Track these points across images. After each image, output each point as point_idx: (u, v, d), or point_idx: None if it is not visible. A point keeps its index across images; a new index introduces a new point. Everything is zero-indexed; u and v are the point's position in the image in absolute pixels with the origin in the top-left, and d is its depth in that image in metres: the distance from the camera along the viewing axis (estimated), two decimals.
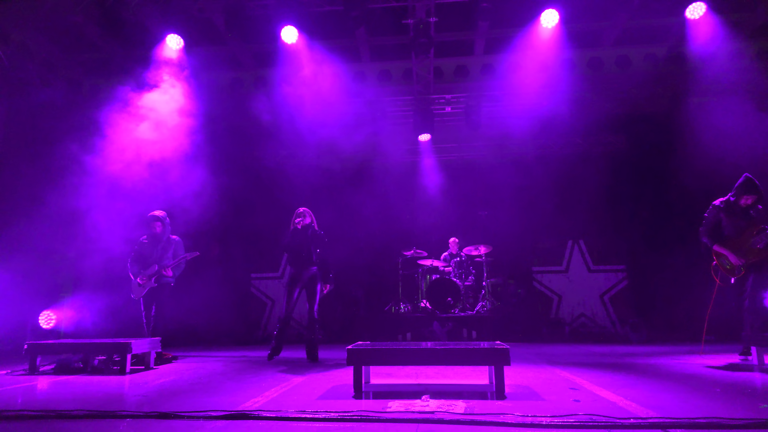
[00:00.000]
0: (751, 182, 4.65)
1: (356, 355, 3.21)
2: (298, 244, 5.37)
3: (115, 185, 6.65)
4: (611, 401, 2.81)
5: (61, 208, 6.71)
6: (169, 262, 5.43)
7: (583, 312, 8.29)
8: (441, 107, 9.56)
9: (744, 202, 4.65)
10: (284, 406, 2.86)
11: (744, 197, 4.63)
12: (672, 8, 7.18)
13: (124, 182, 6.70)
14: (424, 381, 3.68)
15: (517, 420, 2.32)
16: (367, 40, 8.85)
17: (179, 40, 7.44)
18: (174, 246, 5.56)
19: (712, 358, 4.89)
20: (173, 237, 5.62)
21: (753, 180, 4.66)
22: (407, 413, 2.52)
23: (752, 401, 2.70)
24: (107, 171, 6.72)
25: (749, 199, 4.62)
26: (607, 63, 9.03)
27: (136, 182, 6.68)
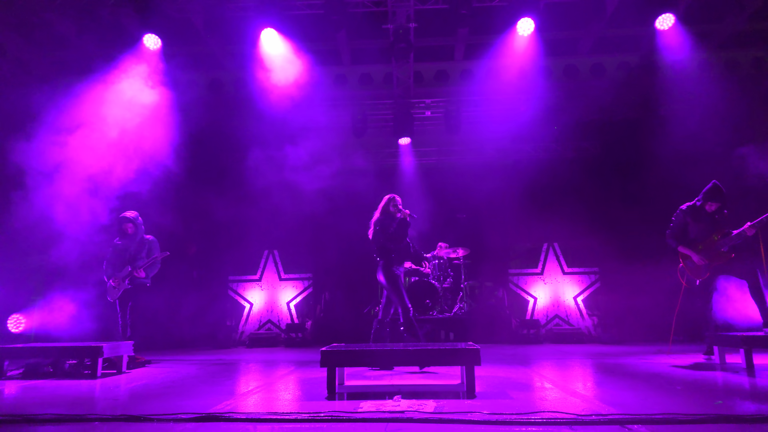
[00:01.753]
0: (718, 189, 4.83)
1: (329, 356, 3.24)
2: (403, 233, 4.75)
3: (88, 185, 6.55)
4: (576, 399, 2.89)
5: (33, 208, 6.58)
6: (142, 262, 5.36)
7: (557, 313, 8.45)
8: (421, 111, 9.65)
9: (709, 207, 4.82)
10: (256, 408, 2.88)
11: (709, 203, 4.80)
12: (643, 19, 7.39)
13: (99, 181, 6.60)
14: (398, 382, 3.73)
15: (484, 418, 2.37)
16: (348, 44, 8.90)
17: (157, 40, 7.38)
18: (148, 246, 5.48)
19: (678, 357, 5.05)
20: (147, 237, 5.54)
21: (719, 187, 4.84)
22: (378, 413, 2.56)
23: (709, 398, 2.81)
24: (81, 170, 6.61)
25: (714, 206, 4.80)
26: (582, 70, 9.24)
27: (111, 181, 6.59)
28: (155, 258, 5.42)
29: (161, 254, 5.44)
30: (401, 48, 7.49)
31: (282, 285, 8.56)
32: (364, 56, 9.39)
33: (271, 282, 8.59)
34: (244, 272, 8.60)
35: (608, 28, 8.35)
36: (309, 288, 8.51)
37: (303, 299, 8.46)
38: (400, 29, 7.35)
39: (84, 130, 6.64)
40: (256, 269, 8.62)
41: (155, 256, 5.42)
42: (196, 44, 8.10)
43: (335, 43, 8.85)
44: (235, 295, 8.50)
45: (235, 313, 8.37)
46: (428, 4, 7.38)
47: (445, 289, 8.45)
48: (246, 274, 8.59)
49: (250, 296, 8.50)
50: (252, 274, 8.60)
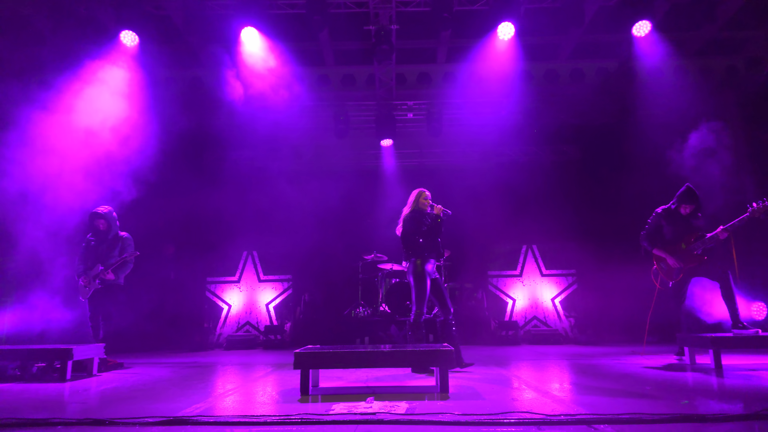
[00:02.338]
0: (691, 192, 4.93)
1: (303, 358, 3.22)
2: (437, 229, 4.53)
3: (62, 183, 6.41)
4: (548, 399, 2.91)
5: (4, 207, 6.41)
6: (114, 261, 5.22)
7: (535, 315, 8.53)
8: (403, 113, 9.68)
9: (683, 210, 4.93)
10: (227, 411, 2.84)
11: (683, 206, 4.91)
12: (620, 26, 7.52)
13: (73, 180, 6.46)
14: (373, 383, 3.71)
15: (454, 419, 2.38)
16: (330, 45, 8.87)
17: (134, 36, 7.26)
18: (122, 244, 5.30)
19: (650, 358, 5.13)
20: (122, 234, 5.38)
21: (693, 190, 4.95)
22: (349, 415, 2.55)
23: (677, 398, 2.86)
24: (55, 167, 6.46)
25: (688, 208, 4.90)
26: (562, 75, 9.36)
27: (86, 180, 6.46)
28: (124, 258, 5.24)
29: (131, 254, 5.29)
30: (383, 49, 7.50)
31: (261, 286, 8.48)
32: (346, 57, 9.38)
33: (250, 283, 8.50)
34: (222, 273, 8.50)
35: (587, 34, 8.49)
36: (288, 289, 8.45)
37: (282, 301, 8.40)
38: (382, 31, 7.36)
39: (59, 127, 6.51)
40: (234, 270, 8.52)
41: (124, 256, 5.24)
42: (176, 42, 8.00)
43: (318, 44, 8.82)
44: (212, 296, 8.39)
45: (213, 315, 8.26)
46: (410, 7, 7.41)
47: None
48: (224, 276, 8.49)
49: (229, 298, 8.40)
50: (230, 275, 8.50)
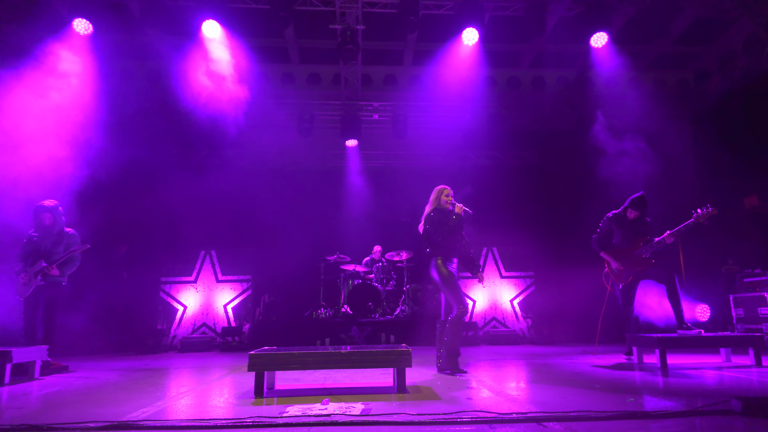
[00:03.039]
0: (640, 199, 5.15)
1: (258, 360, 3.15)
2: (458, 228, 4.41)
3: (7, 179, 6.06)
4: (502, 398, 2.96)
5: None
6: (59, 257, 4.97)
7: (494, 316, 8.68)
8: (369, 114, 9.67)
9: (630, 215, 5.14)
10: (176, 415, 2.74)
11: (629, 211, 5.13)
12: (580, 36, 7.76)
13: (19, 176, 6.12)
14: (331, 385, 3.67)
15: (409, 419, 2.37)
16: (296, 42, 8.78)
17: (88, 25, 6.97)
18: (67, 240, 5.04)
19: (601, 357, 5.30)
20: (67, 230, 5.11)
21: (642, 197, 5.16)
22: (303, 417, 2.51)
23: (624, 395, 2.96)
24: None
25: (634, 214, 5.13)
26: (524, 82, 9.59)
27: (33, 176, 6.13)
28: (73, 251, 4.99)
29: (80, 247, 5.04)
30: (349, 49, 7.47)
31: (219, 287, 8.26)
32: (312, 55, 9.30)
33: (207, 284, 8.27)
34: (178, 273, 8.23)
35: (548, 43, 8.73)
36: (248, 290, 8.27)
37: (241, 302, 8.21)
38: (348, 30, 7.33)
39: (4, 120, 6.16)
40: (191, 270, 8.27)
41: (73, 250, 4.99)
42: (133, 33, 7.71)
43: (283, 41, 8.70)
44: (167, 297, 8.11)
45: (167, 317, 7.98)
46: (377, 8, 7.41)
47: (388, 292, 8.48)
48: (180, 276, 8.23)
49: (184, 298, 8.15)
50: (187, 275, 8.24)
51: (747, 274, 6.88)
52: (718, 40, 8.61)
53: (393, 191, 9.53)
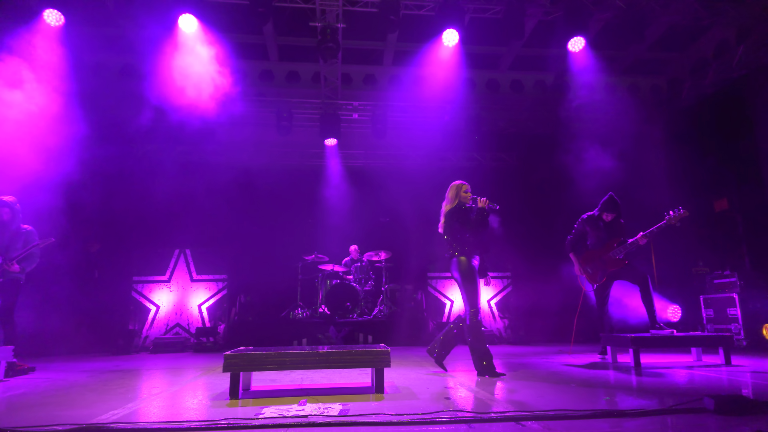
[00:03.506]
0: (613, 201, 5.25)
1: (233, 361, 3.09)
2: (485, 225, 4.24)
3: None
4: (479, 398, 2.96)
5: None
6: (16, 254, 4.76)
7: None
8: (348, 113, 9.63)
9: (606, 217, 5.24)
10: (147, 417, 2.66)
11: (605, 213, 5.23)
12: (558, 40, 7.88)
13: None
14: (309, 385, 3.63)
15: (387, 419, 2.35)
16: (275, 39, 8.67)
17: (59, 16, 6.75)
18: (25, 237, 4.87)
19: (577, 357, 5.38)
20: (25, 227, 4.93)
21: (615, 199, 5.26)
22: (279, 418, 2.46)
23: (600, 394, 2.99)
24: None
25: (609, 216, 5.22)
26: (503, 85, 9.70)
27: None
28: (35, 246, 4.80)
29: (43, 241, 4.87)
30: (329, 47, 7.42)
31: (194, 287, 8.09)
32: (292, 53, 9.21)
33: (181, 283, 8.08)
34: (151, 272, 8.02)
35: (527, 47, 8.84)
36: (224, 290, 8.12)
37: (216, 302, 8.06)
38: (329, 28, 7.28)
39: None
40: (165, 269, 8.07)
41: (35, 245, 4.80)
42: (107, 26, 7.52)
43: (262, 38, 8.59)
44: (139, 296, 7.90)
45: (139, 317, 7.77)
46: (357, 6, 7.38)
47: (366, 292, 8.44)
48: (153, 275, 8.02)
49: (157, 298, 7.95)
50: (160, 274, 8.04)
51: (717, 276, 7.08)
52: (691, 47, 8.85)
53: (372, 191, 9.51)
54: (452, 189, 4.47)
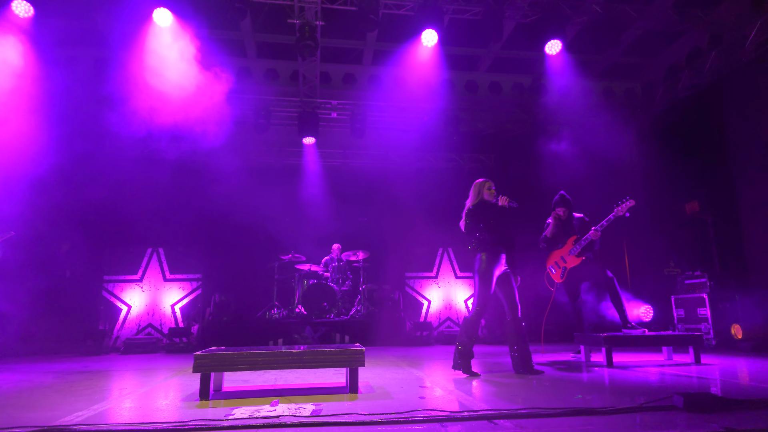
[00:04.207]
0: (562, 198, 5.41)
1: (203, 360, 3.01)
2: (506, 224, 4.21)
3: None
4: (453, 397, 2.95)
5: None
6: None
7: (449, 316, 8.76)
8: (327, 112, 9.56)
9: (561, 214, 5.36)
10: (114, 418, 2.57)
11: (558, 209, 5.37)
12: (535, 43, 7.94)
13: None
14: (282, 386, 3.57)
15: (360, 418, 2.32)
16: (253, 36, 8.57)
17: (28, 7, 6.53)
18: None
19: (551, 356, 5.43)
20: None
21: (565, 196, 5.43)
22: (250, 419, 2.40)
23: (572, 392, 3.02)
24: None
25: (561, 211, 5.34)
26: (481, 87, 9.78)
27: None
28: None
29: (4, 234, 4.69)
30: (308, 45, 7.34)
31: (167, 286, 7.91)
32: (269, 50, 9.12)
33: (154, 283, 7.90)
34: (122, 271, 7.82)
35: (505, 49, 8.93)
36: (198, 290, 7.96)
37: (190, 302, 7.90)
38: (307, 26, 7.21)
39: None
40: (137, 269, 7.87)
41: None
42: (78, 18, 7.29)
43: (240, 34, 8.48)
44: (110, 296, 7.69)
45: (110, 317, 7.57)
46: (337, 4, 7.33)
47: (344, 291, 8.39)
48: (124, 274, 7.82)
49: (129, 298, 7.75)
50: (132, 273, 7.84)
51: (687, 276, 7.24)
52: (664, 52, 9.06)
53: (351, 191, 9.47)
54: (475, 186, 4.43)
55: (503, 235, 4.19)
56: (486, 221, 4.18)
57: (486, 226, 4.17)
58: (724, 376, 3.79)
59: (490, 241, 4.14)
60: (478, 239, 4.19)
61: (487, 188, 4.33)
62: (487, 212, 4.20)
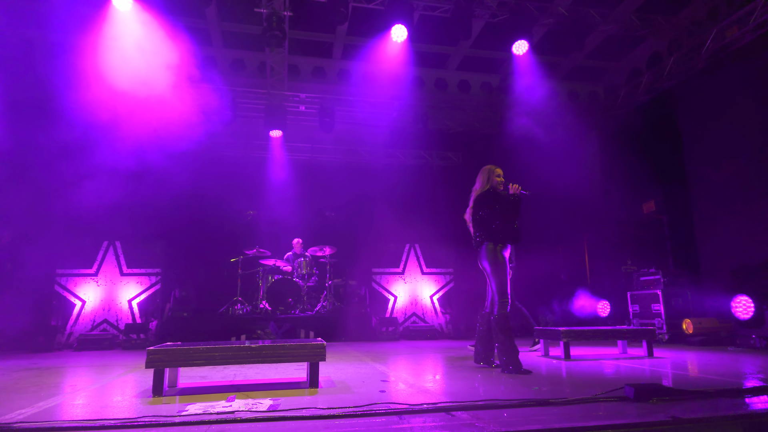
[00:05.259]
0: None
1: (157, 356, 2.91)
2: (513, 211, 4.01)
3: None
4: (414, 390, 2.95)
5: None
6: None
7: (414, 311, 8.80)
8: (295, 105, 9.43)
9: None
10: (60, 416, 2.45)
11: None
12: (503, 43, 8.06)
13: None
14: (241, 381, 3.49)
15: (318, 413, 2.28)
16: (219, 25, 8.36)
17: None
18: None
19: None
20: None
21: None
22: (204, 415, 2.33)
23: (530, 385, 3.07)
24: None
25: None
26: (450, 85, 9.84)
27: None
28: None
29: None
30: (275, 35, 7.20)
31: (124, 281, 7.64)
32: (236, 40, 8.92)
33: (110, 277, 7.61)
34: (76, 265, 7.48)
35: (474, 48, 9.01)
36: (157, 284, 7.72)
37: (149, 297, 7.65)
38: (275, 15, 7.07)
39: None
40: (91, 262, 7.56)
41: None
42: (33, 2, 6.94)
43: (205, 22, 8.26)
44: (63, 290, 7.37)
45: (63, 312, 7.24)
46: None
47: (310, 287, 8.30)
48: (79, 268, 7.49)
49: (83, 293, 7.44)
50: (86, 267, 7.52)
51: (643, 273, 7.50)
52: (627, 56, 9.34)
53: (318, 186, 9.38)
54: (483, 173, 4.23)
55: (511, 225, 4.02)
56: (495, 210, 4.00)
57: (495, 216, 3.99)
58: (675, 369, 3.94)
59: (499, 231, 3.98)
60: (486, 228, 4.02)
61: (495, 175, 4.17)
62: (495, 201, 4.03)
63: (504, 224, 3.99)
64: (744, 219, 7.07)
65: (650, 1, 7.69)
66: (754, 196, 7.01)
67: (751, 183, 7.07)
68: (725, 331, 6.14)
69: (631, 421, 2.03)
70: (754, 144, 7.06)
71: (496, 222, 3.99)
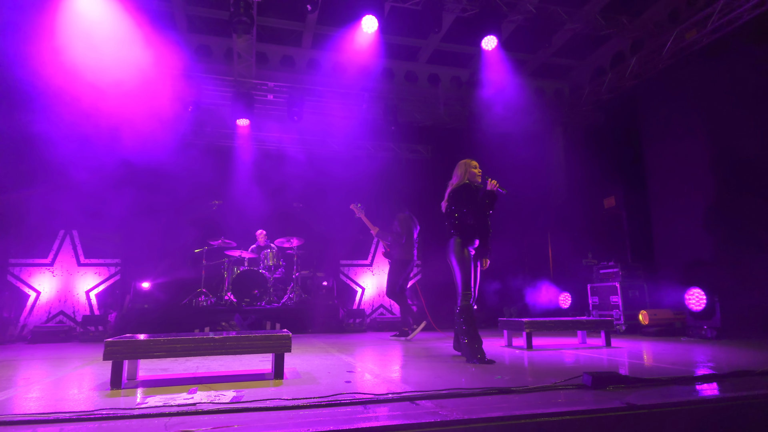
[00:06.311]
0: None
1: (115, 347, 2.82)
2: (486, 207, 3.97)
3: None
4: (379, 380, 2.97)
5: None
6: None
7: (382, 303, 8.84)
8: (263, 94, 9.25)
9: None
10: (11, 410, 2.34)
11: None
12: (473, 38, 8.11)
13: None
14: (204, 373, 3.43)
15: (282, 403, 2.26)
16: (184, 8, 8.10)
17: None
18: None
19: None
20: None
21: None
22: (164, 407, 2.28)
23: (493, 374, 3.13)
24: None
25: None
26: (421, 78, 9.86)
27: None
28: None
29: None
30: (243, 21, 7.01)
31: (81, 271, 7.36)
32: (202, 25, 8.67)
33: (66, 267, 7.32)
34: (30, 255, 7.17)
35: (445, 41, 9.04)
36: (116, 275, 7.48)
37: (108, 288, 7.40)
38: (242, 1, 6.89)
39: None
40: (47, 252, 7.25)
41: None
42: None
43: (169, 5, 7.99)
44: (16, 281, 7.05)
45: (16, 303, 6.93)
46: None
47: (276, 279, 8.22)
48: (33, 257, 7.18)
49: (37, 283, 7.14)
50: (42, 257, 7.21)
51: (603, 266, 7.76)
52: (591, 55, 9.56)
53: (286, 176, 9.25)
54: (460, 166, 4.19)
55: (481, 223, 4.03)
56: (468, 206, 3.98)
57: (466, 211, 3.98)
58: (631, 358, 4.10)
59: (468, 227, 3.98)
60: (457, 222, 4.01)
61: (471, 168, 4.13)
62: (469, 197, 4.00)
63: (474, 220, 4.00)
64: (697, 216, 7.40)
65: (615, 1, 7.89)
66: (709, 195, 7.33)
67: (701, 181, 7.38)
68: (679, 322, 6.43)
69: (588, 407, 2.10)
70: (703, 147, 7.38)
71: (466, 218, 4.01)
